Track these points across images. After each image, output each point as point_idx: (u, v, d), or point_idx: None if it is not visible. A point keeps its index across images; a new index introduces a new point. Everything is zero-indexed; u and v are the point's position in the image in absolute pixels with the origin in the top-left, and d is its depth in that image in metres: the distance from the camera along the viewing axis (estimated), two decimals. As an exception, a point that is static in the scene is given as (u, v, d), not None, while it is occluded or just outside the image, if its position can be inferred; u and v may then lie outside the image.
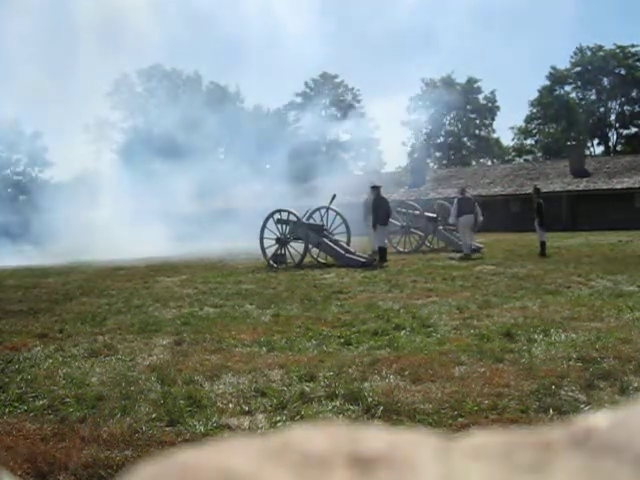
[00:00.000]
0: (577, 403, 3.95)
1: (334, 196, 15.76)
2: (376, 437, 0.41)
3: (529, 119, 62.49)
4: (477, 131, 63.03)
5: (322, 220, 15.70)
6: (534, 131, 62.49)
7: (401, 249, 18.61)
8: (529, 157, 59.62)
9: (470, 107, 61.53)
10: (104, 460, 3.31)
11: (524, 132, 62.92)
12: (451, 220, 17.15)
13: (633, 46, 57.47)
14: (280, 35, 79.82)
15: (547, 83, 60.63)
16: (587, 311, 7.05)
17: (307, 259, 15.20)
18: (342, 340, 5.95)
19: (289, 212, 15.53)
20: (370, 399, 4.10)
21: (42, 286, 11.96)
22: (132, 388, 4.56)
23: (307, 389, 4.40)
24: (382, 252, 14.86)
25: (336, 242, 15.21)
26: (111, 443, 3.54)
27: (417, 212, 19.62)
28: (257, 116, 60.13)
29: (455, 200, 16.96)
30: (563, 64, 63.42)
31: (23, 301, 9.80)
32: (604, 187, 33.79)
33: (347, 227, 15.81)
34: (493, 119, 63.28)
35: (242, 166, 35.55)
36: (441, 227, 19.48)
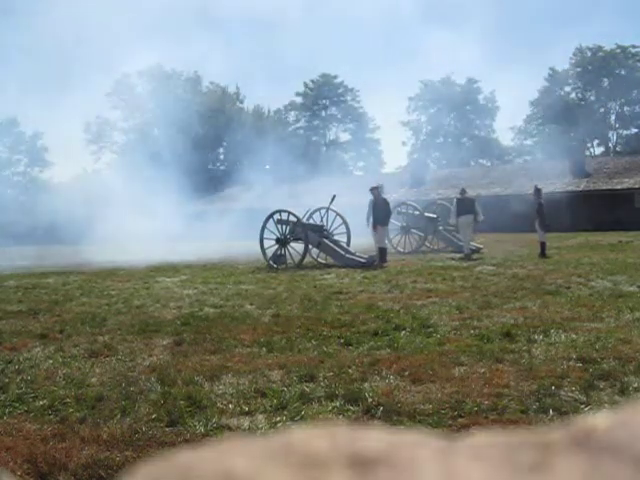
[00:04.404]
0: (577, 404, 3.95)
1: (334, 197, 15.76)
2: (376, 438, 0.41)
3: (529, 119, 62.51)
4: (477, 131, 63.05)
5: (322, 220, 15.71)
6: (534, 132, 62.51)
7: (401, 250, 18.61)
8: (529, 157, 59.66)
9: (470, 107, 61.55)
10: (104, 460, 3.31)
11: (524, 132, 62.94)
12: (451, 220, 17.15)
13: (634, 47, 57.55)
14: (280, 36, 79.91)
15: (547, 84, 60.67)
16: (587, 312, 7.05)
17: (307, 259, 15.19)
18: (342, 340, 5.95)
19: (289, 212, 15.54)
20: (370, 399, 4.09)
21: (42, 286, 11.96)
22: (132, 388, 4.55)
23: (307, 389, 4.40)
24: (382, 253, 14.85)
25: (336, 242, 15.21)
26: (111, 443, 3.54)
27: (417, 212, 19.60)
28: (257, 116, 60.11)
29: (454, 200, 16.95)
30: (563, 65, 63.43)
31: (23, 301, 9.80)
32: (604, 187, 33.79)
33: (347, 227, 15.81)
34: (493, 119, 63.34)
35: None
36: (441, 227, 19.48)
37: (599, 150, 59.72)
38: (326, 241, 14.98)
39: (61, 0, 65.11)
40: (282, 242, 15.17)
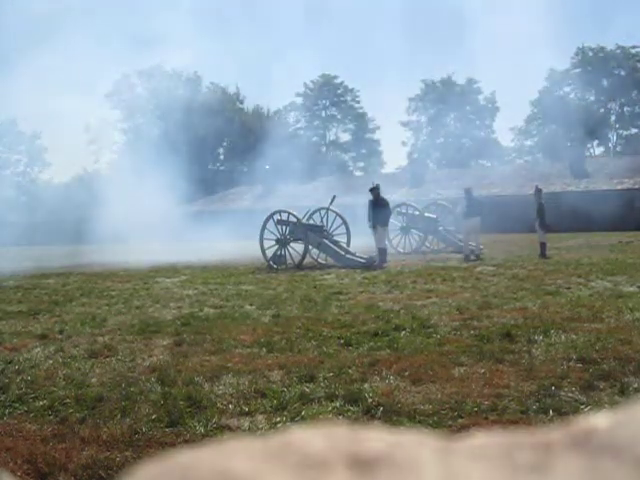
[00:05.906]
0: (577, 404, 3.95)
1: (334, 197, 15.76)
2: (376, 438, 0.41)
3: (529, 120, 62.50)
4: (477, 131, 63.02)
5: (322, 221, 15.71)
6: (534, 132, 62.50)
7: (401, 250, 18.59)
8: (529, 158, 59.65)
9: (470, 108, 61.53)
10: (104, 461, 3.31)
11: (524, 133, 62.94)
12: (461, 222, 16.96)
13: (634, 47, 57.57)
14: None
15: (547, 84, 60.67)
16: (587, 312, 7.05)
17: (307, 260, 15.19)
18: (342, 341, 5.95)
19: (289, 213, 15.54)
20: (370, 400, 4.09)
21: (42, 287, 11.96)
22: (132, 389, 4.55)
23: (307, 390, 4.39)
24: (382, 253, 14.85)
25: (336, 243, 15.21)
26: (111, 444, 3.54)
27: (417, 212, 19.58)
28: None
29: (464, 200, 16.58)
30: (563, 65, 63.35)
31: (23, 302, 9.80)
32: (604, 187, 33.79)
33: (347, 228, 15.81)
34: (493, 120, 63.32)
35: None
36: (441, 228, 19.45)
37: (599, 150, 59.78)
38: (326, 241, 14.98)
39: None
40: (282, 242, 15.17)
